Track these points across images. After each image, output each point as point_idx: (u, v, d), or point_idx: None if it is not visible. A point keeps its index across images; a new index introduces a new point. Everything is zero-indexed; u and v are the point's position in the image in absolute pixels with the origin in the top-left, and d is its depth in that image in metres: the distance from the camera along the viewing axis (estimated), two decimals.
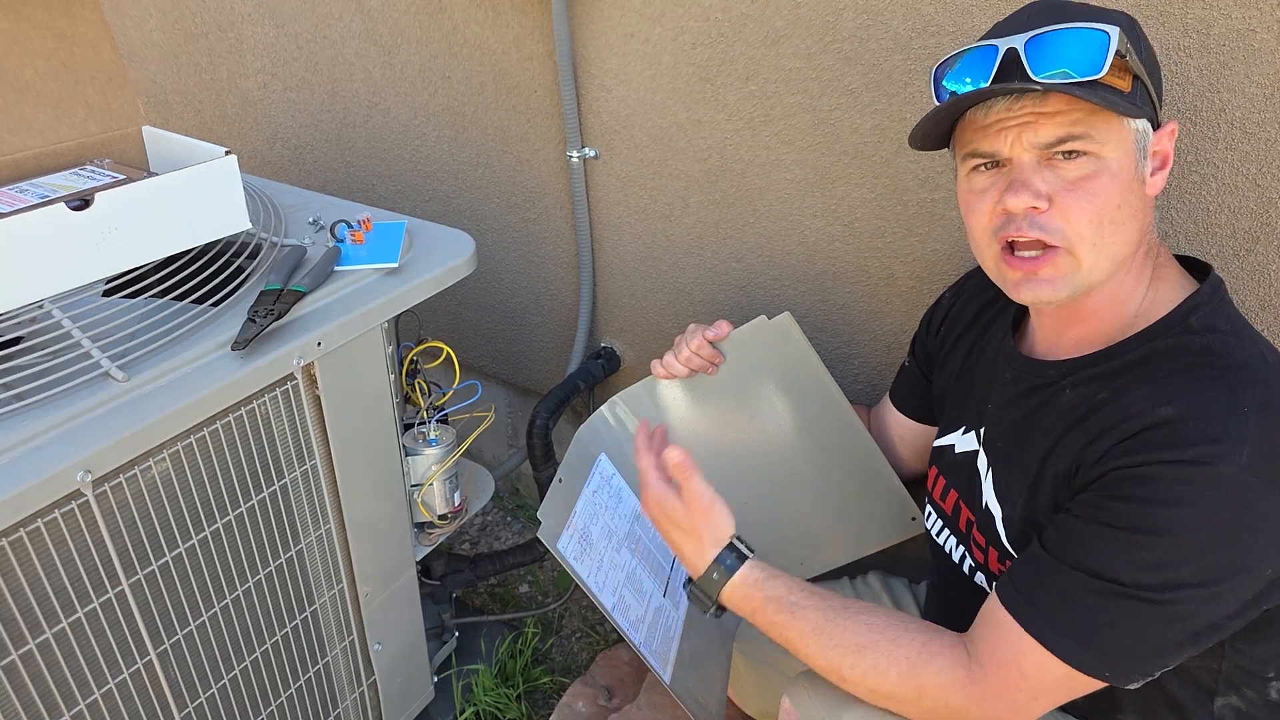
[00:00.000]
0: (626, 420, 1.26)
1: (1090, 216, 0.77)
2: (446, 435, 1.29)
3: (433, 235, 1.25)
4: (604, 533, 1.17)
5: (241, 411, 0.98)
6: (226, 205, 1.07)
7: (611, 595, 1.12)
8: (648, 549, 1.23)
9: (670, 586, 1.22)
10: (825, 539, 1.28)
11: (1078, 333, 0.87)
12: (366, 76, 1.67)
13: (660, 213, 1.45)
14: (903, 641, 0.85)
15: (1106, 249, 0.79)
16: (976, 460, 0.98)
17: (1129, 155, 0.77)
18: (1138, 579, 0.73)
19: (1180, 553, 0.72)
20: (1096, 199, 0.77)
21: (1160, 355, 0.79)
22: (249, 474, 1.01)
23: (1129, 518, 0.74)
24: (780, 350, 1.19)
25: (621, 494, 1.23)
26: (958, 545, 1.02)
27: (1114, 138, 0.77)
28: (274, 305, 1.02)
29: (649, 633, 1.14)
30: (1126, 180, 0.77)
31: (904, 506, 1.24)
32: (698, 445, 1.24)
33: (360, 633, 1.23)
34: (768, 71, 1.24)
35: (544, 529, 1.07)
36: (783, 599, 0.91)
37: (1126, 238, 0.79)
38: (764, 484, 1.26)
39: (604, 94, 1.41)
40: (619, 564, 1.17)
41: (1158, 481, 0.73)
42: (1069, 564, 0.77)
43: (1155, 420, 0.74)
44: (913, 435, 1.20)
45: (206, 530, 0.98)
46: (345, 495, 1.13)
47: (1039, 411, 0.88)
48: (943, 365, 1.09)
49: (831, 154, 1.24)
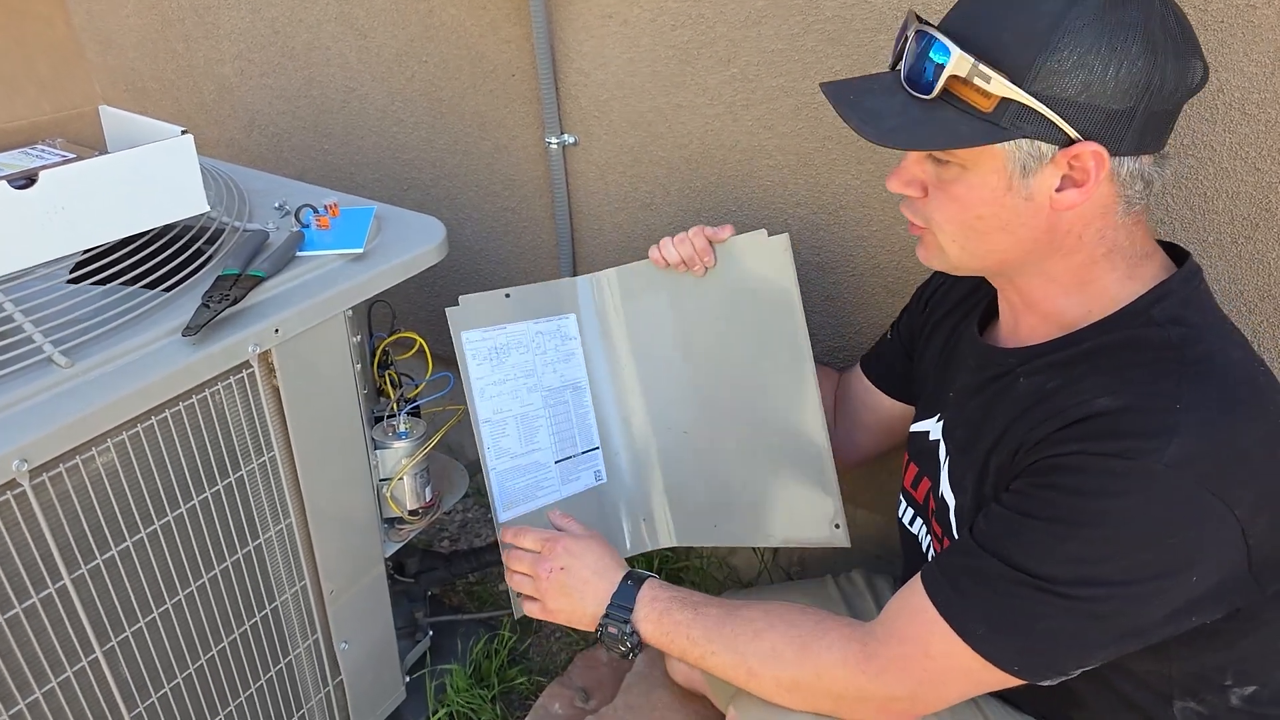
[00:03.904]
0: (609, 296, 1.21)
1: (949, 218, 0.79)
2: (417, 428, 1.25)
3: (402, 221, 1.21)
4: (524, 368, 1.12)
5: (193, 400, 0.94)
6: (183, 186, 1.03)
7: (492, 411, 1.08)
8: (566, 419, 1.17)
9: (567, 466, 1.18)
10: (745, 511, 1.19)
11: (1031, 320, 0.84)
12: (343, 61, 1.63)
13: (641, 201, 1.41)
14: (798, 623, 0.86)
15: (972, 249, 0.80)
16: (939, 449, 0.95)
17: (996, 174, 0.75)
18: (1055, 572, 0.71)
19: (1102, 548, 0.70)
20: (954, 204, 0.78)
21: (1115, 347, 0.76)
22: (202, 465, 0.97)
23: (1052, 508, 0.72)
24: (767, 273, 1.11)
25: (571, 358, 1.18)
26: (926, 534, 1.00)
27: (975, 154, 0.74)
28: (230, 290, 0.98)
29: (512, 474, 1.11)
30: (990, 195, 0.76)
31: (830, 509, 1.14)
32: (661, 350, 1.19)
33: (325, 631, 1.19)
34: (749, 54, 1.20)
35: (456, 310, 1.03)
36: (685, 599, 0.93)
37: (996, 246, 0.79)
38: (707, 421, 1.19)
39: (582, 78, 1.37)
40: (522, 400, 1.12)
41: (1084, 472, 0.70)
42: (991, 551, 0.75)
43: (1092, 410, 0.72)
44: (881, 408, 1.15)
45: (156, 523, 0.94)
46: (307, 489, 1.09)
47: (994, 401, 0.86)
48: (924, 347, 1.05)
49: (815, 139, 1.20)
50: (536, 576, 0.99)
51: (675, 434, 1.04)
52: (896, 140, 0.75)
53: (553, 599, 0.98)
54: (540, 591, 0.99)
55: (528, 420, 1.14)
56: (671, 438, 1.21)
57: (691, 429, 1.20)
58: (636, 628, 0.93)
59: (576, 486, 1.21)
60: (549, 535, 1.02)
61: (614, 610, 0.94)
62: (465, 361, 1.06)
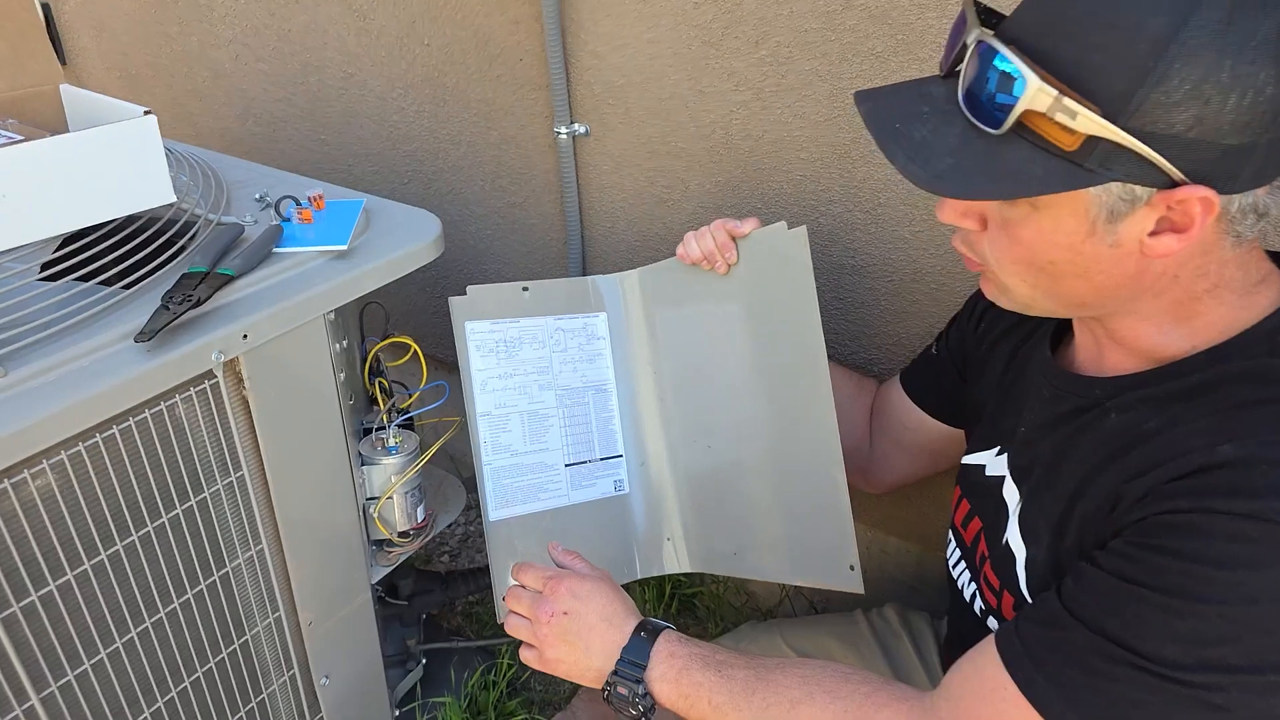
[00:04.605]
0: (630, 297, 1.12)
1: (1014, 259, 0.67)
2: (408, 442, 1.14)
3: (394, 216, 1.11)
4: (538, 364, 1.04)
5: (147, 414, 0.83)
6: (145, 173, 0.92)
7: (493, 405, 1.00)
8: (583, 422, 1.08)
9: (581, 471, 1.09)
10: (761, 538, 1.08)
11: (1118, 351, 0.72)
12: (341, 45, 1.53)
13: (658, 196, 1.30)
14: (841, 693, 0.74)
15: (1044, 290, 0.68)
16: (1003, 488, 0.83)
17: (1075, 218, 0.62)
18: (1168, 654, 0.59)
19: (1225, 627, 0.57)
20: (1019, 246, 0.66)
21: (1230, 381, 0.63)
22: (158, 488, 0.86)
23: (1164, 576, 0.59)
24: (785, 271, 1.00)
25: (597, 359, 1.10)
26: (970, 582, 0.88)
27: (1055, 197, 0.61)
28: (194, 290, 0.87)
29: (510, 471, 1.02)
30: (1066, 241, 0.63)
31: (843, 549, 1.00)
32: (682, 357, 1.10)
33: (304, 665, 1.09)
34: (781, 34, 1.08)
35: (461, 300, 0.97)
36: (709, 656, 0.80)
37: (1071, 290, 0.67)
38: (728, 437, 1.08)
39: (596, 62, 1.25)
40: (531, 397, 1.04)
41: (1207, 536, 0.58)
42: (1086, 622, 0.63)
43: (1214, 460, 0.59)
44: (923, 429, 1.02)
45: (103, 553, 0.83)
46: (282, 511, 0.98)
47: (1077, 438, 0.73)
48: (980, 367, 0.93)
49: (852, 129, 1.08)
50: (535, 620, 0.87)
51: (699, 448, 0.95)
52: (952, 188, 0.62)
53: (552, 647, 0.86)
54: (539, 638, 0.86)
55: (536, 418, 1.07)
56: (692, 453, 1.11)
57: (715, 444, 1.10)
58: (650, 688, 0.80)
59: (590, 494, 1.11)
60: (552, 573, 0.89)
61: (624, 666, 0.81)
62: (467, 353, 1.00)
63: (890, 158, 0.64)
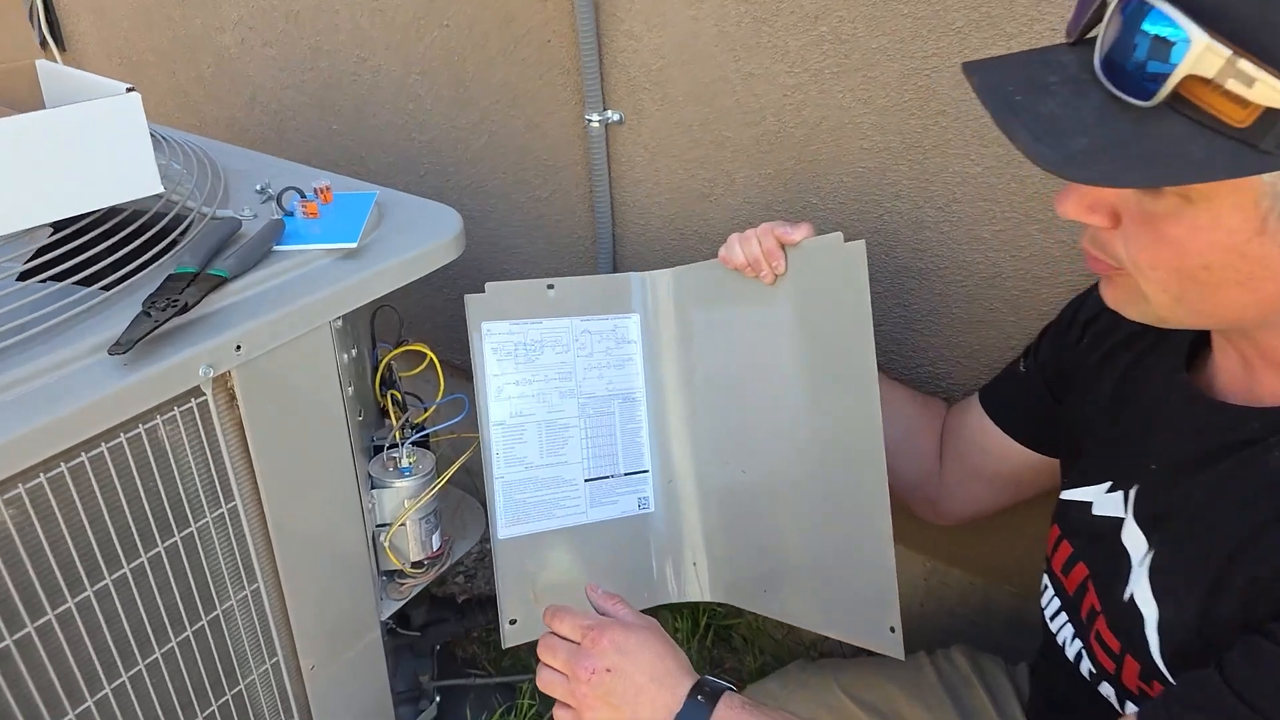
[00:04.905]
0: (661, 299, 1.03)
1: (1159, 263, 0.57)
2: (424, 462, 1.03)
3: (410, 210, 1.00)
4: (560, 369, 0.98)
5: (122, 438, 0.72)
6: (128, 160, 0.81)
7: (508, 413, 0.96)
8: (608, 433, 1.02)
9: (602, 487, 1.02)
10: (793, 580, 0.97)
11: (1276, 377, 0.61)
12: (353, 26, 1.43)
13: (699, 191, 1.19)
14: None
15: (1190, 302, 0.57)
16: (1122, 532, 0.71)
17: (1240, 211, 0.51)
18: None
19: None
20: (1168, 247, 0.55)
21: None
22: (135, 521, 0.75)
23: None
24: (839, 288, 0.89)
25: (627, 364, 1.02)
26: (1074, 638, 0.76)
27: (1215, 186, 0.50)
28: (180, 294, 0.76)
29: (524, 486, 0.97)
30: (1227, 241, 0.52)
31: (884, 608, 0.89)
32: (716, 370, 1.01)
33: (305, 712, 0.98)
34: (843, 7, 0.97)
35: (478, 298, 0.92)
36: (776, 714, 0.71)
37: (1227, 302, 0.56)
38: (762, 461, 0.98)
39: (632, 42, 1.14)
40: (551, 405, 0.98)
41: None
42: (1260, 709, 0.53)
43: None
44: (1007, 456, 0.91)
45: (70, 601, 0.72)
46: (280, 545, 0.87)
47: (1231, 482, 0.61)
48: (1083, 389, 0.81)
49: (925, 114, 0.97)
50: (574, 677, 0.75)
51: (731, 471, 0.88)
52: (1091, 172, 0.51)
53: (592, 709, 0.74)
54: (577, 698, 0.74)
55: (556, 429, 1.00)
56: (723, 475, 1.02)
57: (749, 469, 1.00)
58: None
59: (610, 512, 1.03)
60: (593, 622, 0.77)
61: None
62: (482, 356, 0.94)
63: (1010, 136, 0.53)
